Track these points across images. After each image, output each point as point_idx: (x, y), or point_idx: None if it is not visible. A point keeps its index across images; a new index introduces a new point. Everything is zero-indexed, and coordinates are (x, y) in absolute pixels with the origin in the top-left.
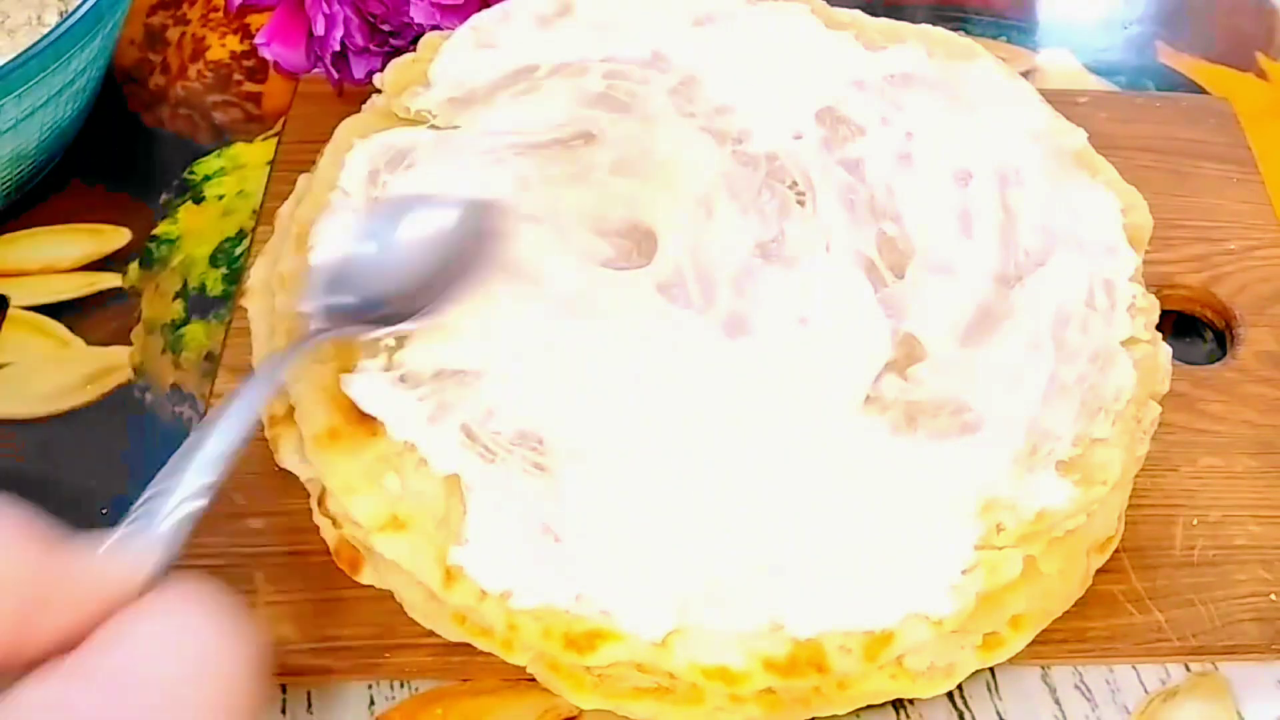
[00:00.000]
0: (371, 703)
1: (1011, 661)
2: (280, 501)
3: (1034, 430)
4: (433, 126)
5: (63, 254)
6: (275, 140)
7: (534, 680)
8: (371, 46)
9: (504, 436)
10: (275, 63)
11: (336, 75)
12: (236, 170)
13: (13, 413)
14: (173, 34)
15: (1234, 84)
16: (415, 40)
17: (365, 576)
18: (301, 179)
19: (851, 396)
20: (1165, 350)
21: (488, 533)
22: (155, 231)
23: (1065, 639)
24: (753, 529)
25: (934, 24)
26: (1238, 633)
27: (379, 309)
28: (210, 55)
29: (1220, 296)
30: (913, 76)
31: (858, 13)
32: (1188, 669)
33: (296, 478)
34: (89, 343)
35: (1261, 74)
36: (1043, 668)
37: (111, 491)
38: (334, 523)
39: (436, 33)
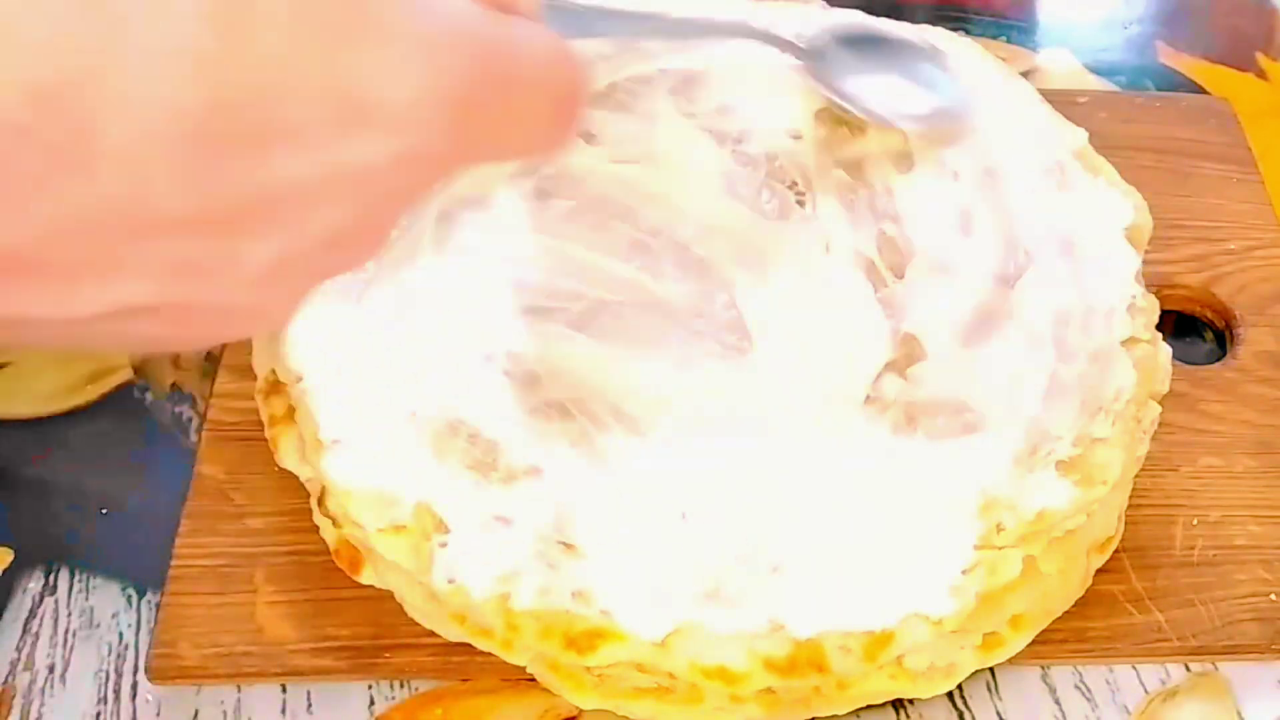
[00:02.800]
0: (371, 703)
1: (1011, 661)
2: (280, 501)
3: (1034, 430)
4: None
5: None
6: None
7: (534, 680)
8: None
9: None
10: None
11: None
12: None
13: (13, 413)
14: None
15: (1234, 84)
16: None
17: (365, 576)
18: None
19: (851, 396)
20: (1165, 350)
21: (468, 535)
22: None
23: (1065, 639)
24: (753, 529)
25: (934, 24)
26: (1238, 633)
27: None
28: None
29: (1220, 296)
30: None
31: (857, 13)
32: (1188, 669)
33: (296, 478)
34: None
35: (1261, 74)
36: (1043, 668)
37: (111, 491)
38: (334, 523)
39: None
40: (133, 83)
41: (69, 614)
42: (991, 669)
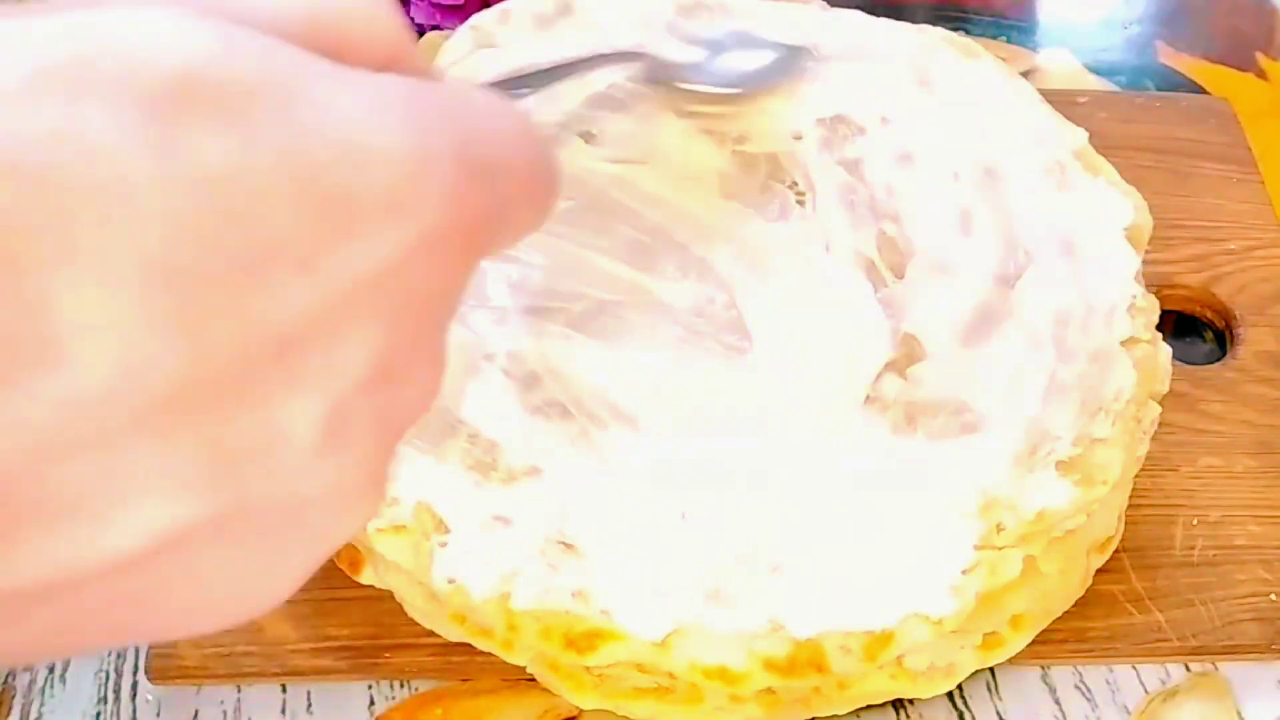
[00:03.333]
0: (371, 703)
1: (1011, 661)
2: None
3: (1034, 430)
4: None
5: None
6: None
7: (534, 680)
8: None
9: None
10: None
11: None
12: None
13: None
14: None
15: (1234, 84)
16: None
17: (365, 576)
18: None
19: (851, 396)
20: (1165, 350)
21: (468, 535)
22: None
23: (1065, 639)
24: (753, 529)
25: (934, 24)
26: (1238, 633)
27: None
28: None
29: (1220, 296)
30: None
31: (857, 13)
32: (1188, 669)
33: None
34: None
35: (1261, 74)
36: (1043, 668)
37: None
38: None
39: (436, 33)
40: (76, 232)
41: None
42: (991, 669)
